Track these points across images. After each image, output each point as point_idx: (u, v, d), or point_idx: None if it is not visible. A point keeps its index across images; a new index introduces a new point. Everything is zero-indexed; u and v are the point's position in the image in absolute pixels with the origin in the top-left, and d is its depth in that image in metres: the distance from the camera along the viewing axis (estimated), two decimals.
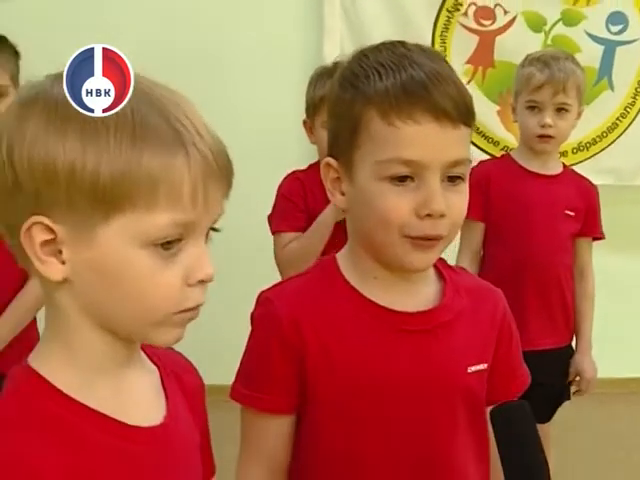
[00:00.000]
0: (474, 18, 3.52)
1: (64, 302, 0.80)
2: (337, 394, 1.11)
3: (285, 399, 1.13)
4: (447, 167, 1.04)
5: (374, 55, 1.08)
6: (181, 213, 0.77)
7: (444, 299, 1.14)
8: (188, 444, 0.90)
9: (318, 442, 1.14)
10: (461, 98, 1.05)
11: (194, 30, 3.43)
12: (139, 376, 0.87)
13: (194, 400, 0.94)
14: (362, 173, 1.07)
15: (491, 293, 1.21)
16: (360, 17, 3.45)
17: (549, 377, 2.23)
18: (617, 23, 3.59)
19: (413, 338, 1.11)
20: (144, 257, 0.77)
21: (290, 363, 1.11)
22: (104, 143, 0.75)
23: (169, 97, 0.79)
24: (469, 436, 1.15)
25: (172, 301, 0.79)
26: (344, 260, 1.16)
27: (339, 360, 1.10)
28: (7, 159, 0.76)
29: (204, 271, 0.79)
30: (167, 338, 0.82)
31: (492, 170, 2.31)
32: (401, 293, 1.12)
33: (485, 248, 2.33)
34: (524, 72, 2.26)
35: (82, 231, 0.77)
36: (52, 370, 0.81)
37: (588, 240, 2.36)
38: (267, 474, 1.17)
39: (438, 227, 1.05)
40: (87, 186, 0.75)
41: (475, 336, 1.15)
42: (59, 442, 0.78)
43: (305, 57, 3.43)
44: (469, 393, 1.14)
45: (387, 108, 1.03)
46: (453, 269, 1.21)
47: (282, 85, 3.43)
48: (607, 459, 3.11)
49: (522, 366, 1.23)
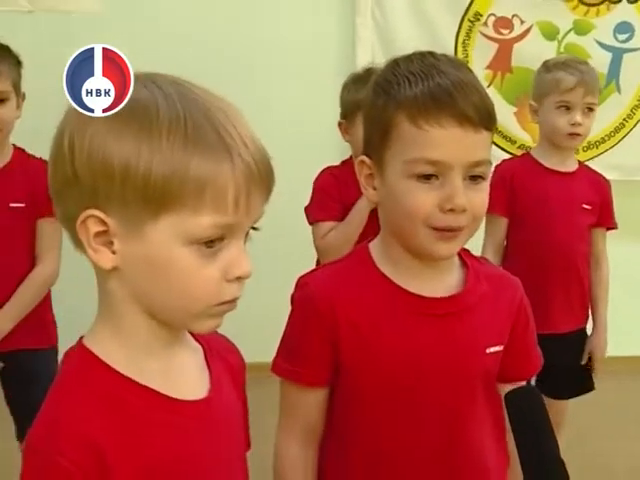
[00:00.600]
0: (493, 27, 3.62)
1: (114, 288, 0.83)
2: (366, 370, 1.14)
3: (320, 373, 1.17)
4: (469, 167, 1.07)
5: (405, 64, 1.11)
6: (224, 216, 0.78)
7: (467, 285, 1.17)
8: (232, 417, 0.93)
9: (348, 413, 1.18)
10: (483, 105, 1.08)
11: (234, 40, 3.48)
12: (184, 354, 0.90)
13: (237, 378, 0.97)
14: (392, 171, 1.10)
15: (510, 281, 1.24)
16: (389, 27, 3.53)
17: (567, 358, 2.34)
18: (624, 32, 3.68)
19: (438, 321, 1.14)
20: (187, 254, 0.78)
21: (325, 341, 1.15)
22: (157, 145, 0.76)
23: (218, 105, 0.80)
24: (486, 410, 1.18)
25: (211, 295, 0.81)
26: (376, 248, 1.19)
27: (369, 339, 1.13)
28: (69, 154, 0.78)
29: (242, 269, 0.81)
30: (205, 327, 0.84)
31: (514, 168, 2.36)
32: (428, 280, 1.15)
33: (509, 240, 2.39)
34: (553, 76, 2.30)
35: (132, 226, 0.78)
36: (105, 350, 0.84)
37: (602, 230, 2.43)
38: (303, 440, 1.21)
39: (460, 220, 1.08)
40: (139, 184, 0.76)
41: (494, 320, 1.17)
42: (113, 415, 0.81)
43: (340, 64, 3.48)
44: (486, 371, 1.17)
45: (416, 113, 1.06)
46: (476, 258, 1.23)
47: (318, 90, 3.42)
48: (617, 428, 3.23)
49: (536, 350, 1.26)
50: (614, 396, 3.35)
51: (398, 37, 3.52)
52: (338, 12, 3.58)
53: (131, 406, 0.82)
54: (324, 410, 1.20)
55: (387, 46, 3.51)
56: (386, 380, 1.14)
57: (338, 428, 1.20)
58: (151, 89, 0.79)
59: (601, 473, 2.85)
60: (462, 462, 1.17)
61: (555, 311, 2.29)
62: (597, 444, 3.07)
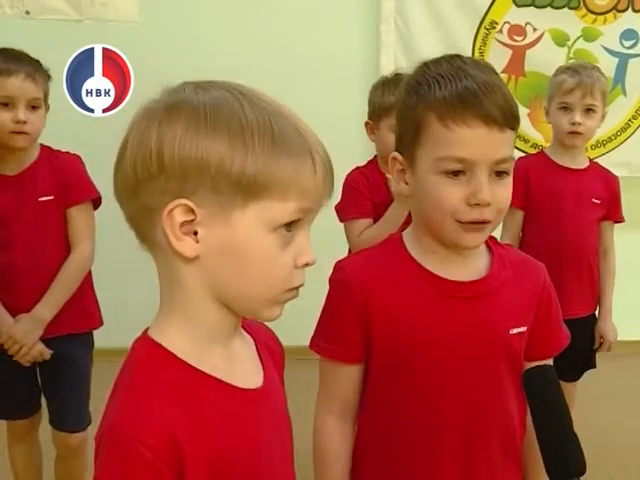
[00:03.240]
0: (508, 35, 3.70)
1: (189, 277, 0.83)
2: (394, 349, 1.16)
3: (354, 351, 1.19)
4: (494, 164, 1.08)
5: (435, 67, 1.12)
6: (306, 201, 0.82)
7: (491, 270, 1.18)
8: (282, 403, 0.95)
9: (378, 390, 1.20)
10: (507, 105, 1.09)
11: (263, 48, 3.55)
12: (242, 344, 0.91)
13: (279, 364, 0.98)
14: (422, 167, 1.11)
15: (534, 266, 1.25)
16: (411, 34, 3.63)
17: (577, 341, 2.18)
18: (629, 39, 3.77)
19: (463, 303, 1.15)
20: (270, 240, 0.81)
21: (358, 321, 1.17)
22: (250, 144, 0.78)
23: (287, 109, 0.84)
24: (511, 388, 1.18)
25: (286, 281, 0.83)
26: (408, 237, 1.21)
27: (398, 320, 1.15)
28: (156, 150, 0.79)
29: (310, 256, 0.84)
30: (274, 314, 0.86)
31: (530, 165, 2.42)
32: (455, 265, 1.17)
33: (524, 231, 2.46)
34: (557, 79, 2.40)
35: (221, 212, 0.79)
36: (171, 340, 0.84)
37: (611, 223, 2.51)
38: (340, 413, 1.23)
39: (485, 213, 1.09)
40: (234, 176, 0.78)
41: (517, 302, 1.18)
42: (184, 405, 0.81)
43: (364, 69, 3.60)
44: (511, 351, 1.18)
45: (444, 113, 1.07)
46: (502, 245, 1.25)
47: (344, 93, 3.58)
48: (622, 410, 3.34)
49: (561, 329, 1.27)
50: (617, 377, 3.50)
51: (419, 43, 3.62)
52: (363, 20, 3.67)
53: (200, 396, 0.82)
54: (359, 385, 1.22)
55: (408, 52, 3.61)
56: (414, 358, 1.15)
57: (369, 404, 1.22)
58: (231, 92, 0.82)
59: (604, 449, 2.93)
60: (490, 439, 1.19)
61: (568, 297, 2.18)
62: (600, 421, 3.16)
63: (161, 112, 0.81)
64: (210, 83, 0.84)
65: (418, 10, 3.64)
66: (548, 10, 3.70)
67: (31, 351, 2.08)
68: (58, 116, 2.11)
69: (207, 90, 0.82)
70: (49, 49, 2.07)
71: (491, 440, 1.19)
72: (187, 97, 0.81)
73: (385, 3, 3.64)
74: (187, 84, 0.84)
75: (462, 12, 3.68)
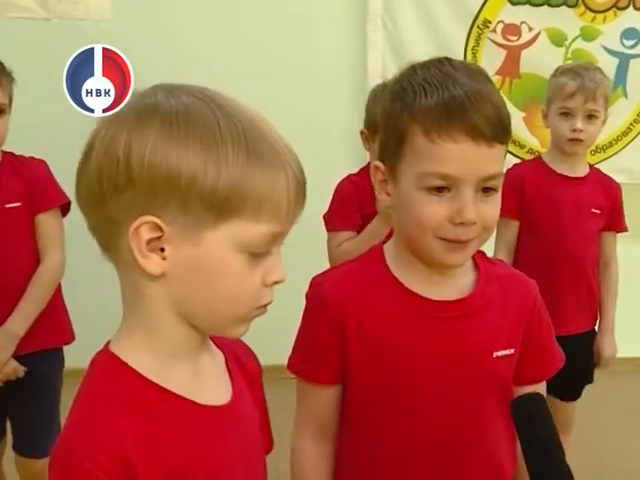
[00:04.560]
0: (502, 34, 3.61)
1: (153, 293, 0.82)
2: (372, 371, 1.14)
3: (331, 371, 1.17)
4: (481, 181, 1.06)
5: (422, 72, 1.09)
6: (278, 225, 0.81)
7: (476, 288, 1.15)
8: (250, 422, 0.93)
9: (356, 411, 1.18)
10: (497, 118, 1.05)
11: (246, 48, 3.47)
12: (209, 360, 0.90)
13: (254, 384, 0.97)
14: (405, 181, 1.09)
15: (523, 283, 1.21)
16: (400, 33, 3.52)
17: (576, 359, 2.19)
18: (630, 38, 3.68)
19: (445, 324, 1.13)
20: (240, 260, 0.80)
21: (335, 339, 1.15)
22: (224, 157, 0.77)
23: (262, 120, 0.82)
24: (499, 415, 1.16)
25: (255, 298, 0.83)
26: (389, 251, 1.19)
27: (375, 340, 1.13)
28: (123, 161, 0.77)
29: (279, 274, 0.83)
30: (240, 331, 0.86)
31: (525, 173, 2.35)
32: (438, 283, 1.14)
33: (519, 243, 2.38)
34: (557, 82, 2.31)
35: (190, 232, 0.78)
36: (133, 355, 0.83)
37: (612, 234, 2.43)
38: (317, 436, 1.22)
39: (469, 232, 1.08)
40: (205, 193, 0.77)
41: (503, 323, 1.15)
42: (141, 421, 0.80)
43: (350, 70, 3.54)
44: (497, 375, 1.16)
45: (429, 126, 1.04)
46: (490, 261, 1.22)
47: (329, 95, 3.52)
48: (623, 430, 3.22)
49: (553, 350, 1.23)
50: (619, 396, 3.40)
51: (408, 44, 3.53)
52: (349, 19, 3.58)
53: (158, 412, 0.82)
54: (337, 406, 1.20)
55: (397, 52, 3.52)
56: (392, 381, 1.13)
57: (349, 425, 1.20)
58: (205, 100, 0.79)
59: (607, 473, 2.86)
60: (473, 467, 1.17)
61: (564, 313, 2.27)
62: (602, 442, 3.08)
63: (131, 118, 0.78)
64: (182, 88, 0.81)
65: (407, 8, 3.55)
66: (544, 8, 3.63)
67: (4, 368, 1.98)
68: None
69: (180, 97, 0.79)
70: (15, 49, 2.05)
71: (478, 468, 1.17)
72: (159, 103, 0.79)
73: (372, 1, 3.55)
74: (158, 88, 0.81)
75: (454, 10, 3.59)
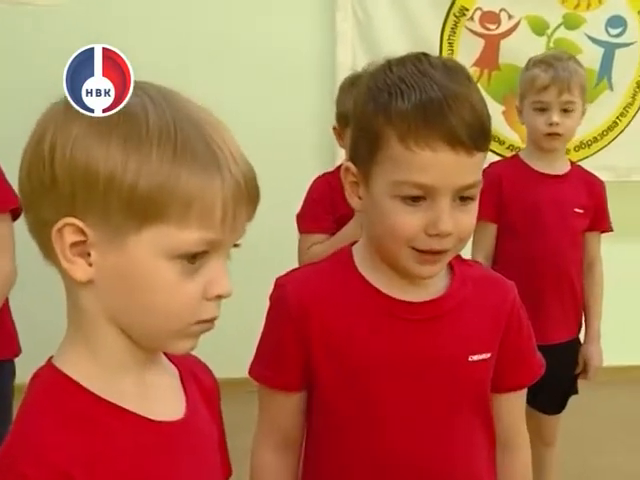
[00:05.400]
0: (480, 22, 3.54)
1: (86, 302, 0.80)
2: (337, 377, 1.12)
3: (294, 377, 1.15)
4: (458, 190, 1.05)
5: (398, 69, 1.08)
6: (210, 232, 0.77)
7: (449, 290, 1.14)
8: (207, 439, 0.91)
9: (322, 419, 1.16)
10: (477, 123, 1.04)
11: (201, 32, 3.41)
12: (160, 374, 0.88)
13: (211, 400, 0.95)
14: (377, 187, 1.08)
15: (500, 284, 1.20)
16: (371, 22, 3.46)
17: (560, 369, 2.21)
18: (616, 26, 3.62)
19: (416, 326, 1.12)
20: (169, 269, 0.77)
21: (298, 344, 1.13)
22: (146, 154, 0.75)
23: (207, 118, 0.80)
24: (476, 424, 1.15)
25: (190, 312, 0.80)
26: (358, 252, 1.17)
27: (341, 343, 1.11)
28: (48, 158, 0.76)
29: (222, 287, 0.80)
30: (181, 348, 0.83)
31: (503, 172, 2.29)
32: (409, 284, 1.13)
33: (498, 247, 2.32)
34: (528, 75, 2.25)
35: (113, 238, 0.76)
36: (77, 369, 0.81)
37: (596, 234, 2.35)
38: (279, 446, 1.19)
39: (444, 243, 1.06)
40: (125, 195, 0.75)
41: (479, 326, 1.14)
42: (86, 437, 0.78)
43: (318, 61, 3.48)
44: (473, 381, 1.14)
45: (405, 132, 1.03)
46: (466, 262, 1.20)
47: (296, 88, 3.45)
48: (611, 445, 3.15)
49: (534, 356, 1.22)
50: (604, 408, 3.35)
51: (380, 33, 3.46)
52: (317, 7, 3.52)
53: (105, 428, 0.79)
54: (301, 414, 1.19)
55: (368, 43, 3.45)
56: (360, 386, 1.12)
57: (313, 434, 1.19)
58: (140, 96, 0.78)
59: None
60: (448, 476, 1.15)
61: (547, 321, 2.21)
62: (588, 454, 3.04)
63: (60, 113, 0.77)
64: None
65: None
66: None
67: None
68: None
69: None
70: None
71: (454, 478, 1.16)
72: None
73: None
74: None
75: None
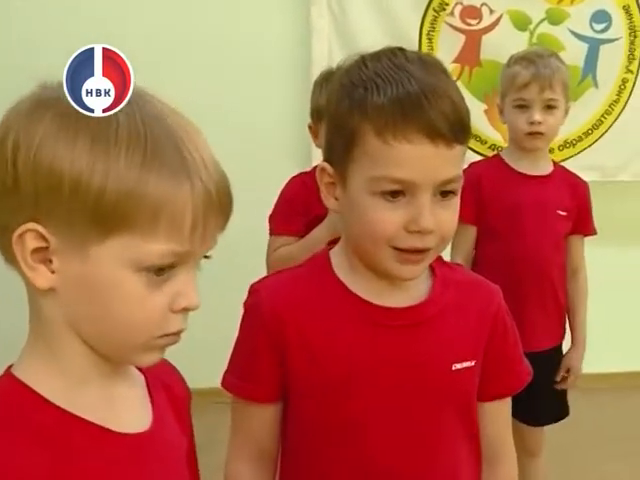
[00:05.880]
0: (460, 17, 3.49)
1: (48, 311, 0.79)
2: (316, 386, 1.11)
3: (269, 388, 1.13)
4: (439, 185, 1.04)
5: (373, 64, 1.07)
6: (178, 244, 0.76)
7: (430, 295, 1.13)
8: (174, 451, 0.90)
9: (299, 431, 1.15)
10: (457, 116, 1.03)
11: (172, 26, 3.37)
12: (125, 384, 0.86)
13: (181, 410, 0.94)
14: (355, 185, 1.06)
15: (484, 288, 1.19)
16: (347, 17, 3.42)
17: (543, 378, 2.18)
18: (601, 21, 3.58)
19: (397, 333, 1.10)
20: (134, 280, 0.76)
21: (273, 353, 1.11)
22: (114, 159, 0.73)
23: (180, 123, 0.78)
24: (460, 436, 1.14)
25: (155, 325, 0.79)
26: (336, 256, 1.16)
27: (319, 351, 1.10)
28: (11, 158, 0.74)
29: (190, 300, 0.79)
30: (145, 360, 0.82)
31: (483, 172, 2.25)
32: (390, 289, 1.12)
33: (478, 250, 2.29)
34: (509, 72, 2.22)
35: (76, 246, 0.75)
36: (36, 378, 0.80)
37: (580, 237, 2.33)
38: (254, 460, 1.17)
39: (426, 241, 1.05)
40: (90, 202, 0.73)
41: (462, 332, 1.14)
42: (46, 449, 0.77)
43: (293, 58, 3.42)
44: (457, 391, 1.13)
45: (382, 126, 1.02)
46: (449, 265, 1.19)
47: (270, 85, 3.41)
48: (597, 454, 3.10)
49: (521, 363, 1.21)
50: (590, 416, 3.26)
51: (356, 28, 3.41)
52: (292, 2, 3.46)
53: (68, 441, 0.78)
54: (276, 427, 1.17)
55: (345, 38, 3.40)
56: (338, 397, 1.10)
57: (289, 447, 1.18)
58: None
59: None
60: None
61: (529, 328, 2.14)
62: (574, 464, 2.99)
63: (24, 112, 0.76)
64: None
65: None
66: None
67: None
68: None
69: None
70: None
71: None
72: (57, 97, 0.75)
73: None
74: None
75: None
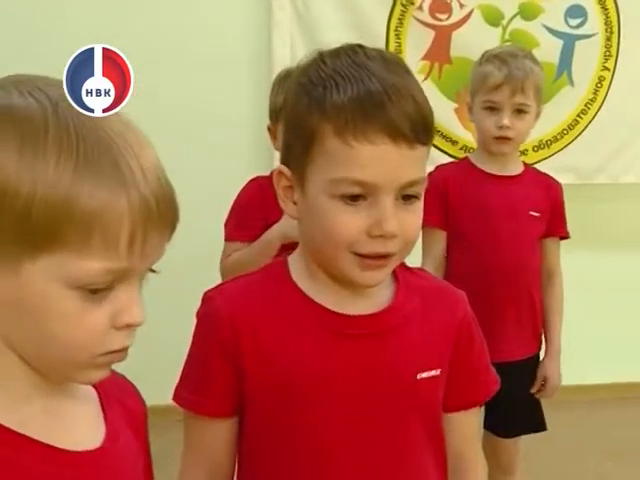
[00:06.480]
0: (429, 12, 3.44)
1: None
2: (273, 399, 1.10)
3: (224, 402, 1.12)
4: (402, 188, 1.03)
5: (332, 61, 1.06)
6: (115, 261, 0.74)
7: (393, 302, 1.12)
8: (130, 468, 0.89)
9: (256, 446, 1.13)
10: (419, 116, 1.03)
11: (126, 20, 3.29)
12: (75, 401, 0.85)
13: (137, 425, 0.92)
14: (314, 188, 1.05)
15: (449, 295, 1.19)
16: (311, 12, 3.35)
17: (518, 389, 2.20)
18: (576, 16, 3.55)
19: (359, 342, 1.10)
20: (70, 298, 0.74)
21: (228, 364, 1.10)
22: (42, 169, 0.71)
23: (118, 128, 0.76)
24: (425, 448, 1.14)
25: (96, 343, 0.77)
26: (294, 262, 1.15)
27: (276, 363, 1.09)
28: None
29: (132, 316, 0.77)
30: (89, 378, 0.80)
31: (450, 175, 2.24)
32: (351, 297, 1.11)
33: (449, 257, 2.26)
34: (481, 70, 2.19)
35: (8, 264, 0.73)
36: None
37: (555, 240, 2.30)
38: (208, 477, 1.16)
39: (389, 246, 1.04)
40: (17, 214, 0.71)
41: (427, 341, 1.13)
42: None
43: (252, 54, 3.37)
44: (421, 401, 1.12)
45: (342, 125, 1.01)
46: (412, 271, 1.18)
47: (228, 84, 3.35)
48: (575, 470, 3.06)
49: (487, 372, 1.21)
50: (568, 429, 3.25)
51: (320, 25, 3.35)
52: None
53: (10, 459, 0.76)
54: (232, 443, 1.15)
55: (308, 35, 3.34)
56: (295, 410, 1.09)
57: (246, 464, 1.16)
58: (38, 97, 0.74)
59: None
60: None
61: (503, 336, 2.16)
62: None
63: None
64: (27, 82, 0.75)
65: None
66: None
67: None
68: None
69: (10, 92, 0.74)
70: None
71: None
72: None
73: None
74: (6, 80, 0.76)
75: None
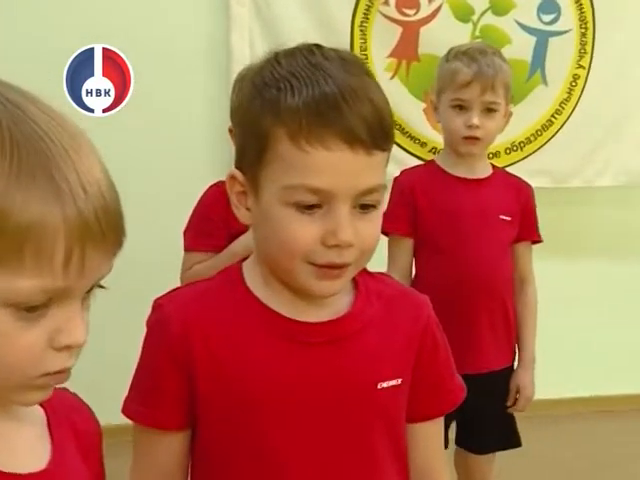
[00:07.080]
0: (396, 7, 3.34)
1: None
2: (226, 409, 1.09)
3: (175, 413, 1.10)
4: (359, 195, 1.02)
5: (287, 61, 1.05)
6: (49, 279, 0.71)
7: (352, 309, 1.11)
8: None
9: (209, 460, 1.11)
10: (377, 120, 1.01)
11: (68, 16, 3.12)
12: (18, 423, 0.83)
13: (88, 445, 0.90)
14: (267, 194, 1.04)
15: (411, 300, 1.18)
16: (272, 9, 3.24)
17: (491, 402, 2.19)
18: (549, 12, 3.47)
19: (316, 350, 1.09)
20: (2, 316, 0.71)
21: (180, 374, 1.08)
22: None
23: (59, 136, 0.72)
24: (388, 460, 1.13)
25: (33, 364, 0.74)
26: (249, 269, 1.14)
27: (229, 371, 1.08)
28: None
29: (72, 336, 0.75)
30: (28, 400, 0.78)
31: (416, 179, 2.19)
32: (308, 303, 1.10)
33: (418, 265, 2.22)
34: (449, 67, 2.14)
35: None
36: None
37: (527, 245, 2.26)
38: None
39: (345, 256, 1.03)
40: None
41: (388, 348, 1.12)
42: None
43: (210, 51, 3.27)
44: (383, 411, 1.12)
45: (296, 130, 1.00)
46: (373, 276, 1.17)
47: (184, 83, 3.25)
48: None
49: (453, 380, 1.19)
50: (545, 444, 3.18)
51: (281, 21, 3.24)
52: None
53: None
54: (184, 455, 1.13)
55: (269, 32, 3.24)
56: (253, 420, 1.08)
57: (200, 476, 1.14)
58: None
59: None
60: None
61: (479, 346, 2.15)
62: None
63: None
64: None
65: None
66: None
67: None
68: None
69: None
70: None
71: None
72: None
73: None
74: None
75: None
